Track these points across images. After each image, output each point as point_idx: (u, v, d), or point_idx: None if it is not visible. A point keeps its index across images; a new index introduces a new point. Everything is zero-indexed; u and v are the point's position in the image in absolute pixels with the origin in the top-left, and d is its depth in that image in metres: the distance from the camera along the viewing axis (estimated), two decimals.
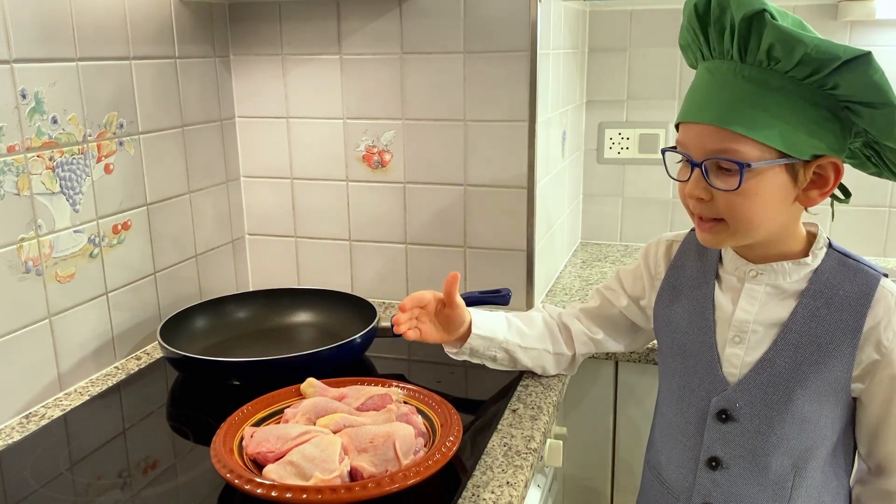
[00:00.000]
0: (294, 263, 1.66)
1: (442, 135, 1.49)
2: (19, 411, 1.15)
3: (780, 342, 0.93)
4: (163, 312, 1.42)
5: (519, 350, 1.16)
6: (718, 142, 0.86)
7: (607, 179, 1.98)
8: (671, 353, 1.04)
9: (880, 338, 0.90)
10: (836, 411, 0.93)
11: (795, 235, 0.94)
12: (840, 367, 0.90)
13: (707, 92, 0.88)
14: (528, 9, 1.38)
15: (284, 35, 1.53)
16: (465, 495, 0.91)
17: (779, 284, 0.94)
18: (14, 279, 1.12)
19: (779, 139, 0.84)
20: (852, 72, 0.80)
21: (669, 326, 1.05)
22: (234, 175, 1.63)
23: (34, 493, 0.94)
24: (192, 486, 0.96)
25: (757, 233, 0.91)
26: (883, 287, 0.91)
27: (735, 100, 0.85)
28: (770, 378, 0.93)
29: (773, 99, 0.84)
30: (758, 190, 0.87)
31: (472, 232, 1.53)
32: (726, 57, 0.87)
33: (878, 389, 0.91)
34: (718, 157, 0.86)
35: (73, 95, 1.20)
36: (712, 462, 0.98)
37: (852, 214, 1.81)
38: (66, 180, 1.20)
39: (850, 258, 0.94)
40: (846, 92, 0.82)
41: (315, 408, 0.99)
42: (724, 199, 0.88)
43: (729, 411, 0.96)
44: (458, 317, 1.11)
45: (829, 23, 1.72)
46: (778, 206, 0.89)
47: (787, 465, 0.94)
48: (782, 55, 0.82)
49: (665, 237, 1.10)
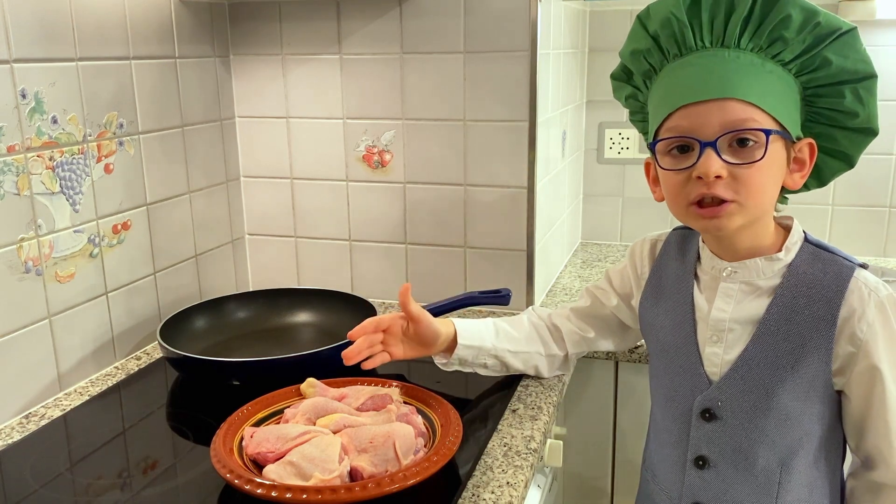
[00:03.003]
0: (294, 263, 1.66)
1: (442, 135, 1.49)
2: (19, 411, 1.15)
3: (756, 339, 0.93)
4: (163, 312, 1.42)
5: (509, 355, 1.15)
6: (737, 113, 0.85)
7: (607, 179, 1.98)
8: (656, 353, 1.05)
9: (854, 330, 0.89)
10: (821, 406, 0.92)
11: (767, 227, 0.94)
12: (819, 361, 0.90)
13: (705, 73, 0.88)
14: (528, 9, 1.38)
15: (284, 35, 1.53)
16: (465, 495, 0.91)
17: (753, 282, 0.94)
18: (14, 279, 1.12)
19: (783, 112, 0.87)
20: (845, 45, 0.88)
21: (654, 327, 1.05)
22: (234, 175, 1.63)
23: (34, 493, 0.94)
24: (192, 486, 0.96)
25: (765, 212, 0.92)
26: (856, 278, 0.90)
27: (740, 73, 0.87)
28: (749, 375, 0.93)
29: (766, 77, 0.87)
30: (773, 162, 0.87)
31: (472, 232, 1.53)
32: (716, 43, 0.89)
33: (857, 382, 0.90)
34: (739, 129, 0.85)
35: (72, 95, 1.20)
36: (699, 461, 0.98)
37: (852, 214, 1.81)
38: (66, 180, 1.20)
39: (825, 250, 0.94)
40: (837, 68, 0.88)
41: (315, 408, 0.99)
42: (744, 175, 0.86)
43: (712, 410, 0.96)
44: (426, 330, 1.08)
45: None
46: (776, 184, 0.90)
47: (774, 461, 0.94)
48: (784, 34, 0.86)
49: (650, 236, 1.11)
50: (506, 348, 1.15)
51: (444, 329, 1.11)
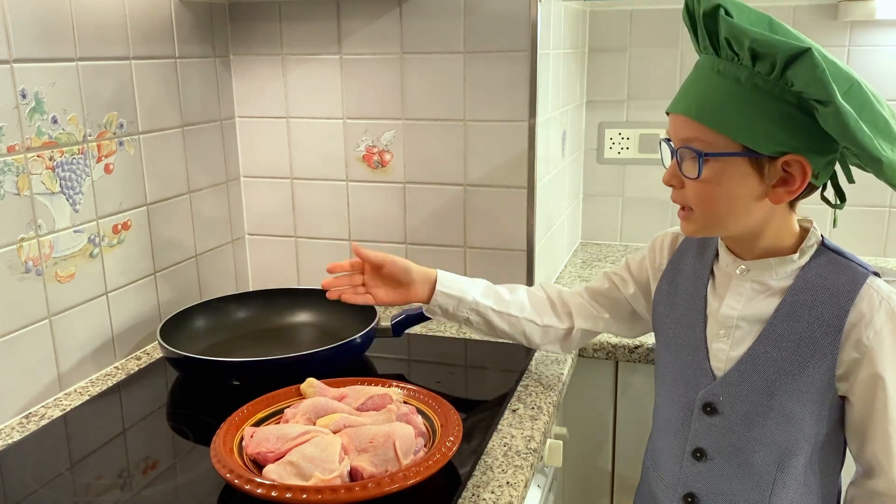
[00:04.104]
0: (294, 263, 1.66)
1: (442, 135, 1.49)
2: (19, 411, 1.15)
3: (762, 339, 0.93)
4: (163, 312, 1.42)
5: (493, 314, 1.15)
6: (687, 131, 0.89)
7: (607, 179, 1.98)
8: (666, 345, 1.06)
9: (861, 336, 0.89)
10: (822, 409, 0.92)
11: (785, 232, 0.94)
12: (823, 364, 0.90)
13: (688, 84, 0.91)
14: (528, 9, 1.38)
15: (284, 35, 1.53)
16: (465, 495, 0.91)
17: (765, 281, 0.95)
18: (14, 279, 1.12)
19: (740, 133, 0.86)
20: (799, 67, 0.80)
21: (665, 318, 1.06)
22: (234, 175, 1.63)
23: (34, 493, 0.94)
24: (192, 486, 0.96)
25: (726, 224, 0.93)
26: (869, 286, 0.90)
27: (707, 92, 0.88)
28: (752, 373, 0.94)
29: (740, 94, 0.86)
30: (720, 180, 0.88)
31: (472, 232, 1.53)
32: (708, 52, 0.89)
33: (860, 388, 0.90)
34: (685, 145, 0.90)
35: (73, 95, 1.20)
36: (697, 453, 0.99)
37: (852, 214, 1.81)
38: (66, 180, 1.20)
39: (842, 256, 0.94)
40: (801, 89, 0.82)
41: (315, 408, 0.99)
42: (691, 188, 0.91)
43: (714, 404, 0.97)
44: (394, 268, 1.13)
45: (830, 23, 1.72)
46: (744, 200, 0.90)
47: (770, 460, 0.95)
48: (738, 49, 0.84)
49: (673, 230, 1.11)
50: (489, 306, 1.15)
51: (426, 273, 1.15)
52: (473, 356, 1.35)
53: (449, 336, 1.42)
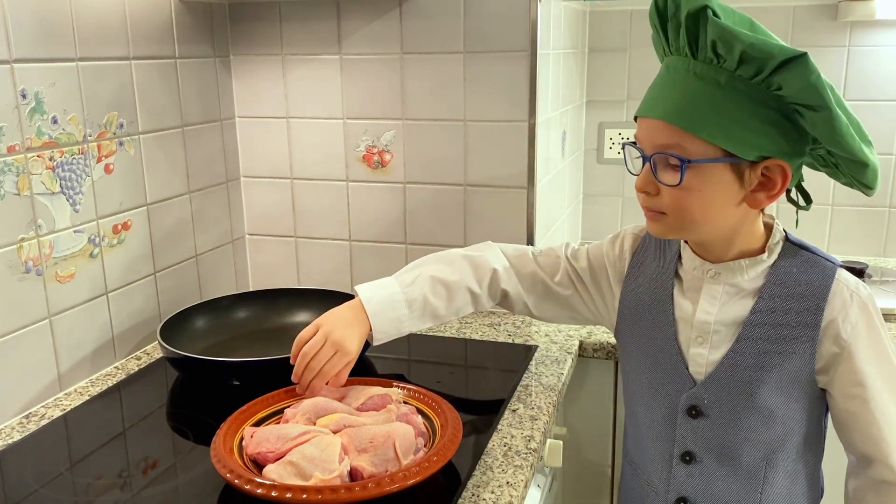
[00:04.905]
0: (294, 263, 1.66)
1: (442, 135, 1.49)
2: (19, 411, 1.15)
3: (741, 340, 0.94)
4: (163, 312, 1.42)
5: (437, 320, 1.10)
6: (665, 137, 0.87)
7: (607, 179, 1.98)
8: (637, 350, 1.05)
9: (839, 331, 0.90)
10: (804, 403, 0.94)
11: (754, 234, 0.94)
12: (802, 360, 0.92)
13: (661, 87, 0.89)
14: (528, 9, 1.38)
15: (284, 35, 1.53)
16: (465, 495, 0.91)
17: (737, 283, 0.95)
18: (14, 279, 1.12)
19: (723, 137, 0.85)
20: (791, 72, 0.80)
21: (634, 325, 1.05)
22: (234, 175, 1.63)
23: (34, 493, 0.94)
24: (192, 486, 0.96)
25: (701, 230, 0.92)
26: (838, 280, 0.91)
27: (685, 96, 0.86)
28: (734, 375, 0.94)
29: (721, 97, 0.84)
30: (700, 187, 0.87)
31: (472, 232, 1.53)
32: (682, 53, 0.88)
33: (841, 381, 0.92)
34: (664, 152, 0.87)
35: (73, 95, 1.20)
36: (686, 456, 0.99)
37: (852, 214, 1.81)
38: (66, 180, 1.20)
39: (806, 250, 0.94)
40: (789, 93, 0.82)
41: (315, 408, 0.99)
42: (668, 194, 0.89)
43: (698, 407, 0.97)
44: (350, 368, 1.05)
45: (829, 23, 1.72)
46: (723, 205, 0.89)
47: (758, 457, 0.96)
48: (724, 52, 0.83)
49: (630, 230, 1.10)
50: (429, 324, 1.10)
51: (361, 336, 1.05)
52: (473, 356, 1.35)
53: (449, 336, 1.42)
